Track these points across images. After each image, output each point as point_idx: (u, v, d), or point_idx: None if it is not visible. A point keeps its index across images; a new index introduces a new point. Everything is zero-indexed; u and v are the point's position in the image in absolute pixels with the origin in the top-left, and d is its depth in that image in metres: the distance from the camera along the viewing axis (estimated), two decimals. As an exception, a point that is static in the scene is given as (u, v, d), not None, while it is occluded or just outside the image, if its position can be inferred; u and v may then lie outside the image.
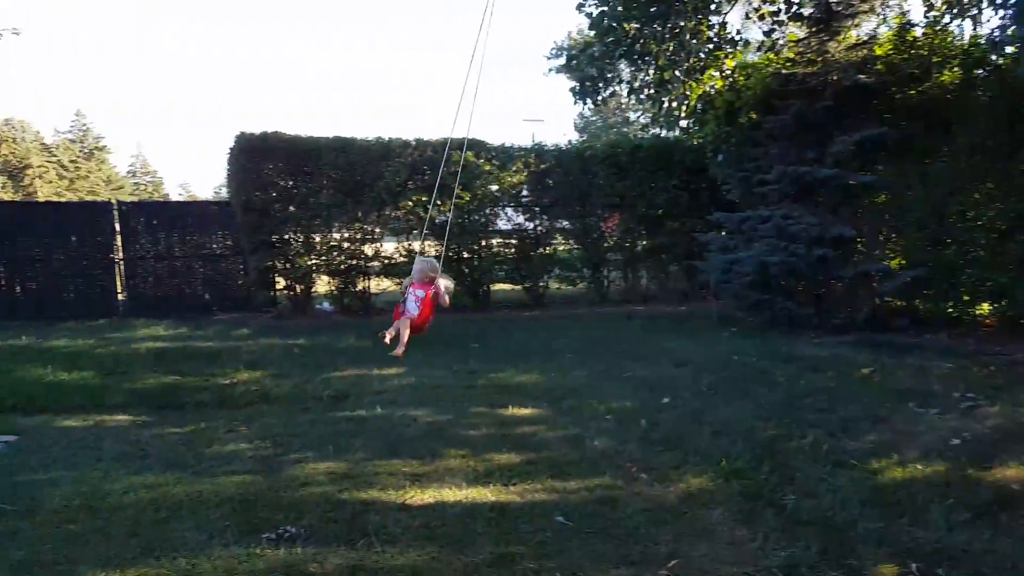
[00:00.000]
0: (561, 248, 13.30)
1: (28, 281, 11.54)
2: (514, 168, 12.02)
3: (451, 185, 11.40)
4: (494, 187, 12.07)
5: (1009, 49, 7.64)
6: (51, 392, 6.37)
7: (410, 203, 11.52)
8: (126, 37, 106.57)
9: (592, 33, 11.02)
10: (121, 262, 11.78)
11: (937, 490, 3.86)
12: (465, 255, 12.21)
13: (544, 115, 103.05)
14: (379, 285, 12.25)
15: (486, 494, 3.92)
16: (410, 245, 12.21)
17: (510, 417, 5.49)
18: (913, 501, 3.76)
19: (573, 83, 11.59)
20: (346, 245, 11.68)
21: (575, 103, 11.47)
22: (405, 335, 4.97)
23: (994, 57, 8.62)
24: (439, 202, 11.50)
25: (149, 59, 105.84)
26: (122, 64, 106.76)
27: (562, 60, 36.73)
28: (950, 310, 9.02)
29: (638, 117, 40.39)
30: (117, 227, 11.72)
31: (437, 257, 11.90)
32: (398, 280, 12.02)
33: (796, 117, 9.68)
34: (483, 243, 12.34)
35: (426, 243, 12.15)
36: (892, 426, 5.03)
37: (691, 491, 4.02)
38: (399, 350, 4.91)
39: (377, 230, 11.77)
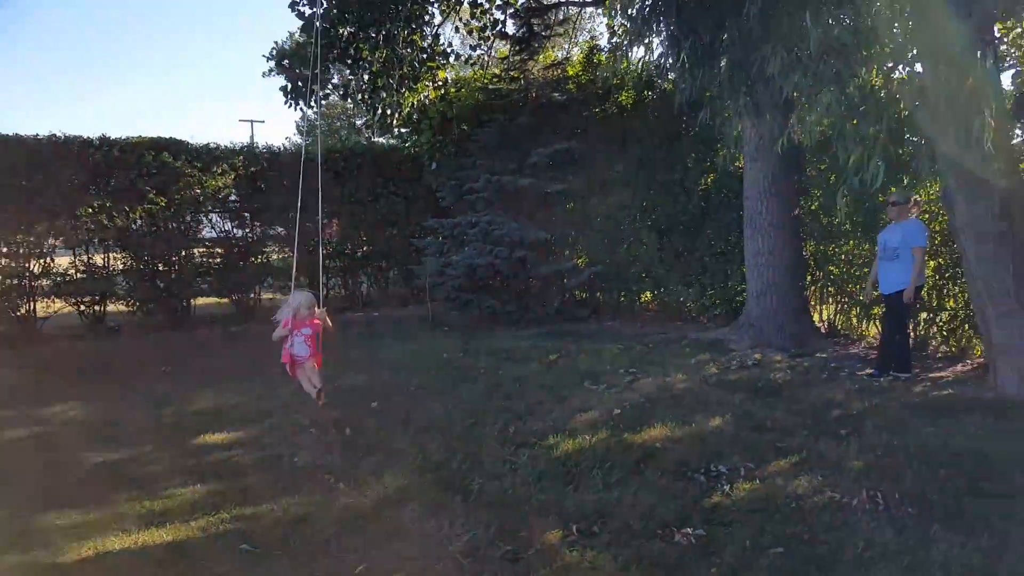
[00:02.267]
0: (275, 256, 12.66)
1: None
2: (219, 171, 11.13)
3: (143, 189, 10.28)
4: (197, 190, 11.05)
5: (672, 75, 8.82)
6: None
7: (91, 210, 10.08)
8: None
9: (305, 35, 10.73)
10: None
11: (599, 456, 4.41)
12: (160, 267, 10.97)
13: (266, 116, 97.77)
14: (49, 307, 10.50)
15: (162, 535, 3.56)
16: (91, 258, 10.69)
17: (201, 446, 5.05)
18: (579, 468, 4.25)
19: (285, 83, 11.07)
20: (4, 261, 9.83)
21: (286, 104, 10.98)
22: (317, 381, 4.95)
23: (660, 81, 9.82)
24: (127, 208, 10.30)
25: None
26: None
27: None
28: (622, 299, 10.48)
29: (365, 122, 40.21)
30: None
31: (125, 271, 10.64)
32: (75, 300, 10.44)
33: (500, 130, 10.49)
34: (183, 253, 11.24)
35: (111, 255, 10.75)
36: (570, 404, 5.65)
37: (388, 493, 4.05)
38: (321, 399, 4.96)
39: (48, 242, 10.10)
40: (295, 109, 10.82)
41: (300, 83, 10.75)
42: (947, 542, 3.22)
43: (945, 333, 7.70)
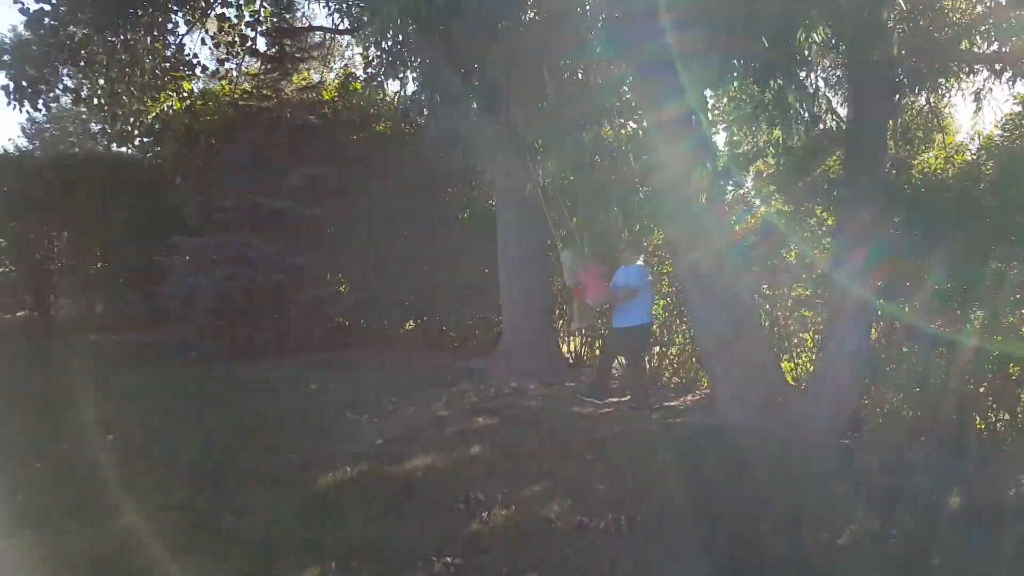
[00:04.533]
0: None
1: None
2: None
3: None
4: None
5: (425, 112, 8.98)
6: None
7: None
8: None
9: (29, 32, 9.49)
10: None
11: (358, 489, 4.33)
12: None
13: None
14: None
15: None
16: None
17: None
18: (339, 503, 4.13)
19: (6, 82, 9.62)
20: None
21: (9, 105, 9.57)
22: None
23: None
24: None
25: None
26: None
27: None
28: (386, 328, 10.48)
29: (102, 129, 35.40)
30: None
31: None
32: None
33: (252, 149, 9.90)
34: None
35: None
36: (330, 436, 5.48)
37: (131, 532, 3.67)
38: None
39: None
40: (20, 110, 9.46)
41: (25, 83, 9.47)
42: (678, 562, 3.58)
43: (675, 365, 8.51)
